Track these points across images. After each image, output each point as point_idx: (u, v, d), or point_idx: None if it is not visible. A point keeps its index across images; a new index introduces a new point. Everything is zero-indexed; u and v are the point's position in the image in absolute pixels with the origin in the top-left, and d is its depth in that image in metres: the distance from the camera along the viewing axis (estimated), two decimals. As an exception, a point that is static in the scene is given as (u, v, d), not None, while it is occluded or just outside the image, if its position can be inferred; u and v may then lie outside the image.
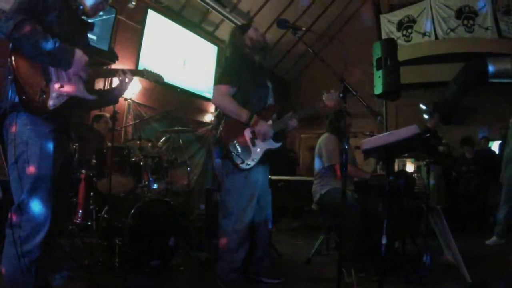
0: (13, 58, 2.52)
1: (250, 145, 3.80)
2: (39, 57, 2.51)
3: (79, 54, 2.66)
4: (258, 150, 3.82)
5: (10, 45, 2.55)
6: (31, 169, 2.57)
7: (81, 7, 2.92)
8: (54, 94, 2.65)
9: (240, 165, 3.72)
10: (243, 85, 3.86)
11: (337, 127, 5.31)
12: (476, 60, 10.08)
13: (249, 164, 3.75)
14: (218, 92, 3.88)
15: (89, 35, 3.22)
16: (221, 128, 3.89)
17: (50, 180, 2.64)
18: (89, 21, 3.10)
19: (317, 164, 5.36)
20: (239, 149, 3.75)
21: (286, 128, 4.00)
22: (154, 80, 3.57)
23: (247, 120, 3.76)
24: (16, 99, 2.55)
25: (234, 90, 3.84)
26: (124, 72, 3.18)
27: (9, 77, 2.55)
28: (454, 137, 9.86)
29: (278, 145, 3.94)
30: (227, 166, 3.84)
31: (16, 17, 2.44)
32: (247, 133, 3.82)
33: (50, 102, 2.62)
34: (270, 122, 3.90)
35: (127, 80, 3.19)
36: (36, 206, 2.57)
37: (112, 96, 3.31)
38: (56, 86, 2.66)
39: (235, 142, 3.76)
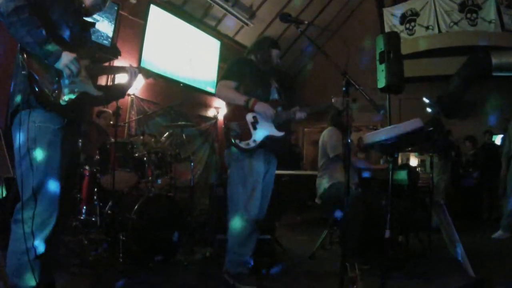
0: (24, 55, 2.55)
1: (251, 128, 3.81)
2: (31, 45, 2.51)
3: (67, 54, 2.63)
4: (260, 134, 3.81)
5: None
6: (38, 165, 2.59)
7: (83, 5, 2.95)
8: (66, 90, 2.69)
9: (239, 143, 3.74)
10: (245, 80, 3.93)
11: (339, 121, 5.33)
12: (479, 53, 10.06)
13: (249, 144, 3.75)
14: (220, 85, 4.00)
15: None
16: (224, 114, 4.00)
17: (57, 177, 2.66)
18: (89, 19, 3.13)
19: (321, 157, 5.38)
20: (239, 129, 3.77)
21: (292, 118, 3.99)
22: (149, 76, 3.56)
23: (245, 102, 3.79)
24: (30, 94, 2.57)
25: (236, 84, 3.91)
26: (132, 67, 3.21)
27: (22, 72, 2.54)
28: (458, 130, 9.85)
29: (280, 133, 3.92)
30: (231, 155, 3.88)
31: (17, 0, 2.45)
32: (249, 117, 3.84)
33: (63, 98, 2.67)
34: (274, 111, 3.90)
35: (135, 75, 3.21)
36: (43, 202, 2.59)
37: (119, 90, 3.32)
38: (67, 82, 2.70)
39: (235, 123, 3.80)
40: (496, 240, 6.60)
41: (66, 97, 2.68)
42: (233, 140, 3.75)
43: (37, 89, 2.55)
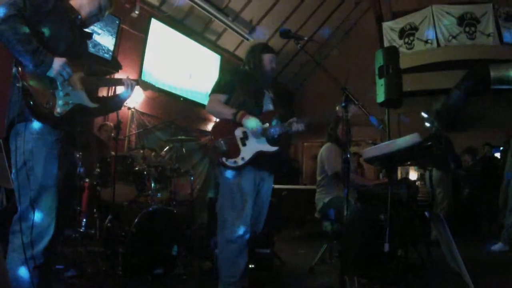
0: (19, 67, 2.57)
1: (240, 144, 3.57)
2: (22, 54, 2.52)
3: (57, 60, 2.66)
4: (249, 150, 3.56)
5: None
6: (36, 177, 2.61)
7: (79, 16, 2.98)
8: (60, 102, 2.69)
9: (226, 162, 3.50)
10: (236, 91, 3.76)
11: (337, 136, 5.35)
12: (478, 67, 10.10)
13: (236, 162, 3.51)
14: (209, 100, 3.85)
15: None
16: (211, 129, 3.78)
17: (54, 188, 2.68)
18: (88, 30, 3.16)
19: (319, 174, 5.39)
20: (226, 146, 3.53)
21: (288, 131, 3.67)
22: (148, 88, 3.55)
23: (233, 115, 3.58)
24: (25, 107, 2.59)
25: (225, 97, 3.77)
26: (129, 79, 3.22)
27: (17, 85, 2.58)
28: (457, 143, 9.86)
29: (273, 148, 3.64)
30: (220, 173, 3.68)
31: (9, 10, 2.48)
32: (238, 132, 3.60)
33: (57, 110, 2.67)
34: (266, 125, 3.64)
35: (132, 87, 3.21)
36: (40, 214, 2.60)
37: (115, 102, 3.32)
38: (62, 94, 2.71)
39: (222, 140, 3.54)
40: (496, 252, 6.59)
41: (60, 109, 2.68)
42: (219, 159, 3.53)
43: (31, 102, 2.57)
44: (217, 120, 3.84)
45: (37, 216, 2.59)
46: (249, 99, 3.72)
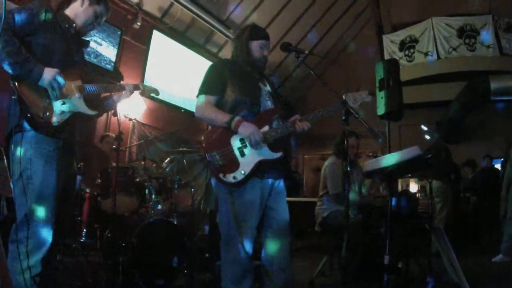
0: (15, 81, 2.62)
1: (238, 155, 3.07)
2: (12, 66, 2.56)
3: (48, 70, 2.68)
4: (249, 161, 3.06)
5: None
6: (34, 186, 2.64)
7: (74, 25, 2.99)
8: (57, 111, 2.73)
9: (224, 178, 3.02)
10: (227, 89, 3.24)
11: (343, 149, 5.32)
12: (478, 78, 10.13)
13: (236, 178, 3.02)
14: (198, 104, 3.28)
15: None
16: (203, 138, 3.20)
17: (53, 198, 2.70)
18: (84, 38, 3.19)
19: (322, 188, 5.37)
20: (221, 160, 3.03)
21: (291, 132, 3.25)
22: (149, 94, 3.57)
23: (228, 122, 3.05)
24: (22, 118, 2.63)
25: (216, 99, 3.23)
26: (130, 84, 3.28)
27: (13, 97, 2.63)
28: (458, 155, 9.87)
29: (276, 155, 3.15)
30: (218, 186, 3.19)
31: None
32: (234, 142, 3.10)
33: (54, 119, 2.71)
34: (266, 128, 3.17)
35: (130, 92, 3.24)
36: (38, 223, 2.62)
37: (108, 103, 3.30)
38: (58, 103, 2.74)
39: (216, 152, 3.04)
40: (497, 263, 6.57)
41: (57, 118, 2.72)
42: (216, 175, 3.07)
43: (28, 114, 2.61)
44: (209, 129, 3.32)
45: (35, 225, 2.61)
46: (243, 98, 3.21)
